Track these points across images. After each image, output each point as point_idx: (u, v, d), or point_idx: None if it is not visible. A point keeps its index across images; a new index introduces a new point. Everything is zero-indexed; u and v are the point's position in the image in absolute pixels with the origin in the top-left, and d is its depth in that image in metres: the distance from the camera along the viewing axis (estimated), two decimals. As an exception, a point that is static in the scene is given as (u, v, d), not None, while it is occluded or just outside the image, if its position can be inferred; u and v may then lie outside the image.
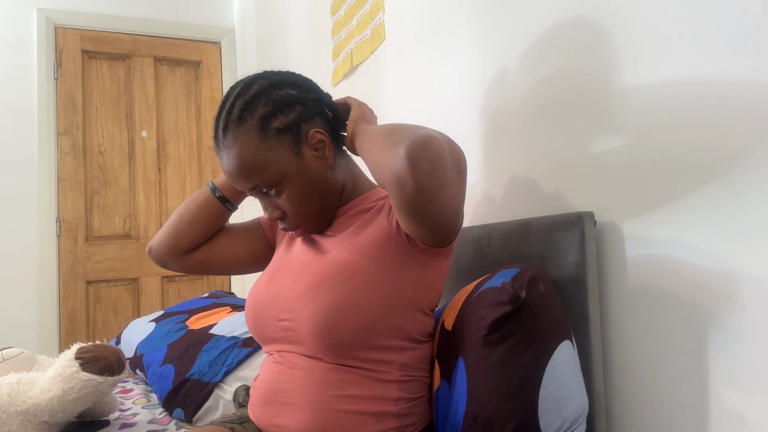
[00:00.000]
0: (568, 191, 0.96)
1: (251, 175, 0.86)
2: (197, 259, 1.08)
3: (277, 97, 0.87)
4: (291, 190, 0.88)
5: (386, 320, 0.84)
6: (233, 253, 1.09)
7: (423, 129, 0.72)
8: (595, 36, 0.90)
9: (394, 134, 0.73)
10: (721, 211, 0.72)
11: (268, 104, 0.86)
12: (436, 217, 0.72)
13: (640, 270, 0.83)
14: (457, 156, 0.71)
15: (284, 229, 0.95)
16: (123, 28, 3.07)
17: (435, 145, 0.68)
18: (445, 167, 0.69)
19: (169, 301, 3.09)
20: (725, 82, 0.71)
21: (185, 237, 1.05)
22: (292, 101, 0.87)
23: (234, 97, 0.87)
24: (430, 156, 0.67)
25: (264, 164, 0.85)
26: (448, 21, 1.31)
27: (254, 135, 0.85)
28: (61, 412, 1.12)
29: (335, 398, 0.83)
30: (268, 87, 0.88)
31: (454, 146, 0.72)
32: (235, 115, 0.86)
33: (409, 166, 0.67)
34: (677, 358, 0.78)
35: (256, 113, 0.85)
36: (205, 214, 1.06)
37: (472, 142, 1.23)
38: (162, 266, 1.09)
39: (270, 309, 0.91)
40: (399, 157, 0.68)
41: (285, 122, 0.86)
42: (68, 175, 2.92)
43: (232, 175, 0.88)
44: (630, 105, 0.84)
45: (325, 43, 2.05)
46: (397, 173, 0.68)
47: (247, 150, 0.85)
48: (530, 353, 0.77)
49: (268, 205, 0.91)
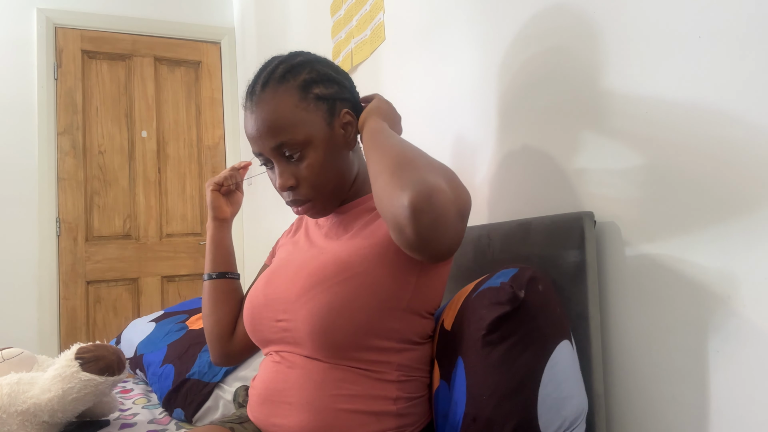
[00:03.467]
0: (568, 191, 0.96)
1: (281, 131, 0.86)
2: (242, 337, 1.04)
3: (320, 69, 0.90)
4: (315, 156, 0.88)
5: (383, 322, 0.84)
6: None
7: (432, 172, 0.69)
8: (595, 36, 0.90)
9: (402, 172, 0.70)
10: (722, 210, 0.72)
11: (312, 72, 0.89)
12: (435, 255, 0.70)
13: (640, 270, 0.83)
14: (462, 203, 0.70)
15: (291, 203, 0.92)
16: (123, 28, 3.07)
17: (441, 199, 0.66)
18: (448, 219, 0.67)
19: (169, 301, 3.09)
20: (725, 82, 0.71)
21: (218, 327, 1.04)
22: (332, 79, 0.90)
23: (277, 62, 0.90)
24: (434, 210, 0.65)
25: (297, 122, 0.86)
26: (448, 21, 1.31)
27: (294, 93, 0.86)
28: (61, 412, 1.12)
29: (334, 397, 0.82)
30: (313, 60, 0.91)
31: (459, 192, 0.71)
32: (278, 74, 0.87)
33: (410, 216, 0.65)
34: (677, 358, 0.78)
35: (299, 76, 0.88)
36: (218, 299, 1.05)
37: (471, 142, 1.23)
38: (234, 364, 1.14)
39: (268, 310, 0.90)
40: (402, 205, 0.66)
41: (324, 92, 0.88)
42: (68, 175, 2.92)
43: (261, 130, 0.86)
44: (630, 105, 0.84)
45: (325, 43, 2.05)
46: (398, 221, 0.67)
47: (284, 105, 0.86)
48: (529, 353, 0.77)
49: (284, 172, 0.88)
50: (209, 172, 3.21)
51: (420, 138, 1.43)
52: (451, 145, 1.31)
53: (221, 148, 3.26)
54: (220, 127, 3.27)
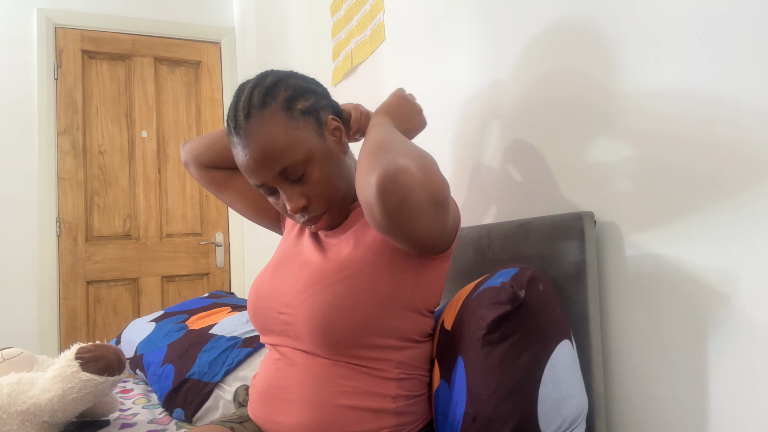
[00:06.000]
0: (568, 191, 0.96)
1: (281, 156, 0.83)
2: (212, 177, 1.13)
3: (293, 83, 0.88)
4: (318, 170, 0.87)
5: (383, 320, 0.84)
6: (242, 194, 1.14)
7: (404, 156, 0.71)
8: (595, 36, 0.90)
9: (377, 156, 0.72)
10: (721, 210, 0.72)
11: (288, 89, 0.86)
12: (410, 241, 0.72)
13: (640, 270, 0.83)
14: (434, 188, 0.71)
15: (306, 222, 0.91)
16: (123, 28, 3.07)
17: (406, 179, 0.68)
18: (415, 201, 0.69)
19: (169, 301, 3.09)
20: (726, 82, 0.71)
21: (213, 154, 1.11)
22: (307, 90, 0.89)
23: (250, 89, 0.86)
24: (398, 190, 0.68)
25: (293, 143, 0.84)
26: (448, 21, 1.31)
27: (280, 116, 0.84)
28: (61, 412, 1.12)
29: (333, 394, 0.83)
30: (283, 76, 0.89)
31: (433, 178, 0.72)
32: (257, 101, 0.84)
33: (377, 195, 0.68)
34: (677, 358, 0.78)
35: (279, 96, 0.85)
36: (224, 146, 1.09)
37: (471, 142, 1.23)
38: (184, 164, 1.17)
39: (271, 301, 0.92)
40: (370, 185, 0.69)
41: (306, 105, 0.87)
42: (68, 175, 2.92)
43: (259, 161, 0.84)
44: (630, 105, 0.84)
45: (325, 43, 2.05)
46: (367, 200, 0.70)
47: (275, 130, 0.83)
48: (529, 353, 0.77)
49: (293, 195, 0.87)
50: (209, 172, 3.21)
51: (420, 137, 1.43)
52: (451, 145, 1.31)
53: (221, 148, 3.26)
54: (220, 127, 3.26)
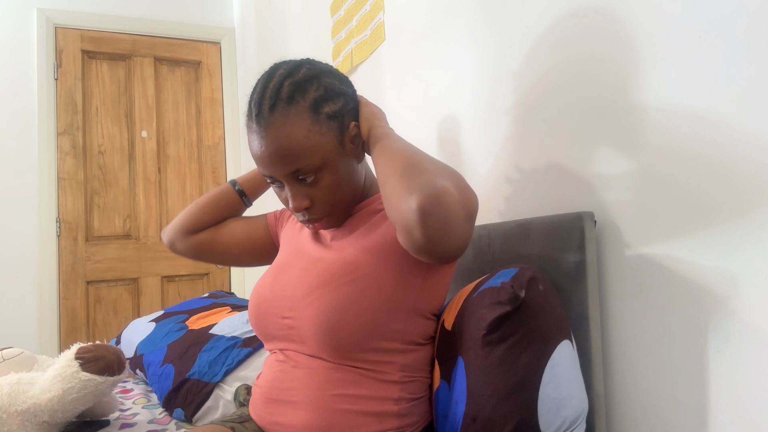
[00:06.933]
0: (568, 191, 0.96)
1: (296, 158, 0.82)
2: (201, 239, 1.13)
3: (327, 83, 0.85)
4: (331, 178, 0.86)
5: (388, 324, 0.84)
6: (235, 237, 1.12)
7: (439, 176, 0.70)
8: (595, 36, 0.90)
9: (411, 176, 0.70)
10: (722, 210, 0.72)
11: (320, 89, 0.84)
12: (444, 257, 0.70)
13: (640, 270, 0.83)
14: (469, 205, 0.70)
15: (305, 221, 0.91)
16: (123, 28, 3.07)
17: (449, 201, 0.66)
18: (456, 221, 0.67)
19: (169, 301, 3.09)
20: (728, 82, 0.71)
21: (195, 217, 1.12)
22: (339, 92, 0.86)
23: (281, 77, 0.84)
24: (442, 212, 0.66)
25: (312, 148, 0.82)
26: (448, 21, 1.31)
27: (306, 117, 0.82)
28: (61, 412, 1.12)
29: (337, 397, 0.83)
30: (318, 72, 0.86)
31: (467, 194, 0.71)
32: (285, 94, 0.82)
33: (419, 220, 0.66)
34: (677, 358, 0.78)
35: (308, 95, 0.82)
36: (221, 202, 1.12)
37: (472, 142, 1.23)
38: (170, 246, 1.16)
39: (274, 306, 0.91)
40: (410, 209, 0.66)
41: (334, 109, 0.84)
42: (68, 175, 2.92)
43: (274, 157, 0.82)
44: (631, 105, 0.84)
45: (325, 43, 2.05)
46: (407, 224, 0.67)
47: (297, 131, 0.81)
48: (529, 353, 0.77)
49: (298, 194, 0.86)
50: (209, 172, 3.21)
51: (420, 138, 1.43)
52: (451, 145, 1.31)
53: (221, 148, 3.26)
54: (220, 127, 3.27)
